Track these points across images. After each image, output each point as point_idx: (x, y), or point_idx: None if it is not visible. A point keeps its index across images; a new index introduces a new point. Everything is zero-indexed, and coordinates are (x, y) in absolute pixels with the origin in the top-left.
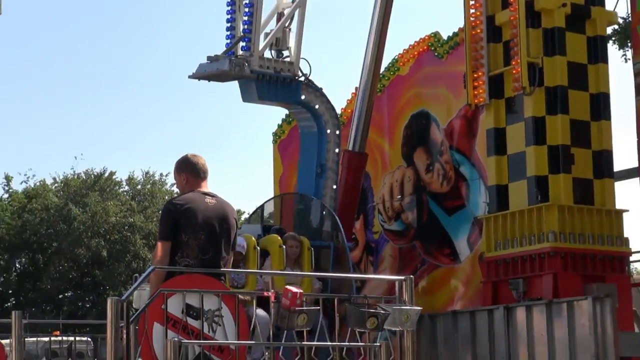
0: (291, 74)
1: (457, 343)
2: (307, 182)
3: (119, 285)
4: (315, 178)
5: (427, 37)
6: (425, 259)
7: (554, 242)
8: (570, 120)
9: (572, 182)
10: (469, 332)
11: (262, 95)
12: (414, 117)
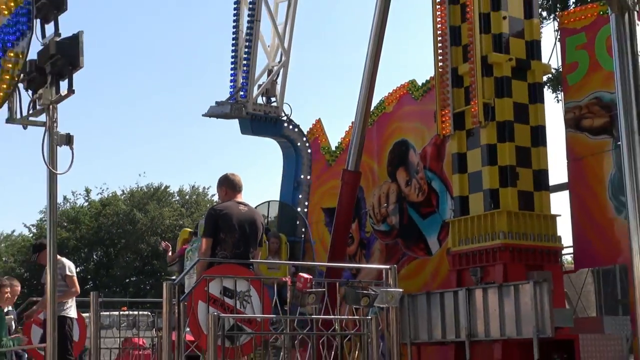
0: (276, 115)
1: (430, 317)
2: (287, 193)
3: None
4: (293, 191)
5: (406, 84)
6: (405, 253)
7: (504, 239)
8: (516, 147)
9: (517, 193)
10: (439, 308)
11: (255, 131)
12: (396, 144)
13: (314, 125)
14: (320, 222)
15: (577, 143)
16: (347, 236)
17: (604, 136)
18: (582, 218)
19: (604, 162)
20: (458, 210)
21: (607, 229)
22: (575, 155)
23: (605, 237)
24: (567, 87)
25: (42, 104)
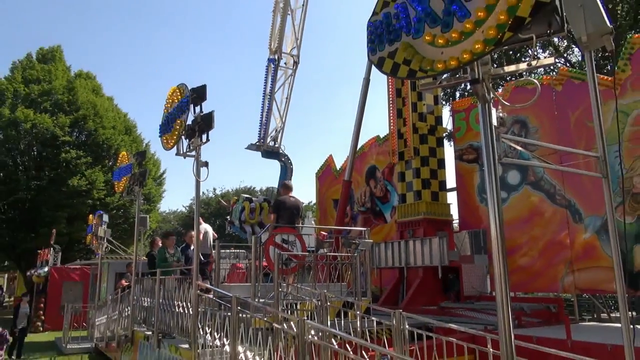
0: (277, 150)
1: (386, 254)
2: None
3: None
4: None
5: (374, 137)
6: (374, 222)
7: (424, 216)
8: (430, 169)
9: (430, 193)
10: (390, 250)
11: (267, 157)
12: (370, 167)
13: (328, 157)
14: (330, 206)
15: (461, 167)
16: (344, 213)
17: (474, 164)
18: (463, 205)
19: (474, 177)
20: (401, 200)
21: (475, 211)
22: (459, 173)
23: (475, 215)
24: (456, 139)
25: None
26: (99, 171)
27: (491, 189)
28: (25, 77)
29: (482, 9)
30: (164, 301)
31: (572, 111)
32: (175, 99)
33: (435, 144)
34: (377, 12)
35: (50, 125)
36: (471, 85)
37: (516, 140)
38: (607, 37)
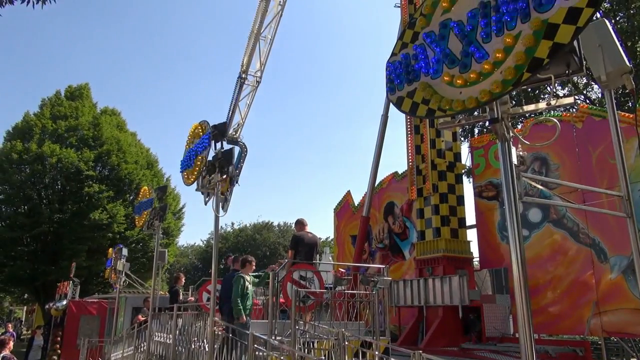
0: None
1: (405, 292)
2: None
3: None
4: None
5: (393, 173)
6: (392, 259)
7: (443, 253)
8: (449, 206)
9: (449, 230)
10: (409, 288)
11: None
12: (388, 203)
13: (346, 193)
14: (348, 242)
15: (480, 204)
16: (362, 249)
17: (494, 201)
18: (483, 243)
19: (494, 214)
20: (420, 237)
21: (496, 248)
22: (479, 210)
23: (496, 253)
24: (475, 175)
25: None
26: (120, 205)
27: (512, 228)
28: (54, 114)
29: (500, 51)
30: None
31: (594, 148)
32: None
33: (454, 181)
34: (396, 53)
35: (75, 160)
36: (490, 125)
37: (537, 179)
38: (626, 76)
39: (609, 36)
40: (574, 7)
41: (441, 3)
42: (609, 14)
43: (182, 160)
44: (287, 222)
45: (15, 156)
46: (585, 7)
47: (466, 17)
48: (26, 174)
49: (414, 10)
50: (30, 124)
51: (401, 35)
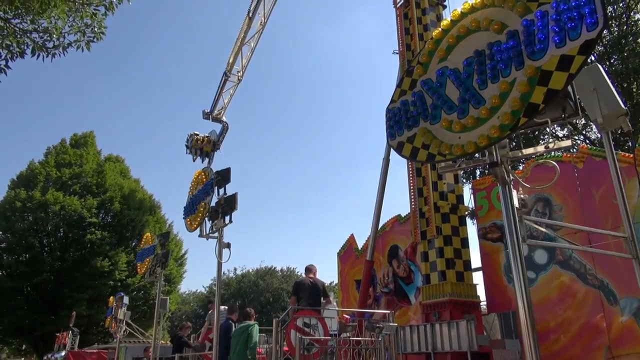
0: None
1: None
2: None
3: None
4: None
5: (396, 216)
6: (398, 303)
7: (449, 297)
8: (453, 248)
9: (455, 273)
10: (416, 334)
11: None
12: (392, 247)
13: (350, 237)
14: (352, 287)
15: (485, 246)
16: (367, 294)
17: (499, 243)
18: (490, 286)
19: (499, 256)
20: (425, 281)
21: (503, 291)
22: (484, 252)
23: (503, 296)
24: (478, 217)
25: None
26: (122, 252)
27: (517, 272)
28: (58, 162)
29: (496, 97)
30: None
31: (596, 189)
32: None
33: (457, 223)
34: (395, 99)
35: (78, 207)
36: (490, 169)
37: (539, 222)
38: (623, 119)
39: (602, 80)
40: (566, 54)
41: (437, 52)
42: (603, 57)
43: (185, 206)
44: (291, 267)
45: (18, 204)
46: (577, 54)
47: (462, 65)
48: (29, 221)
49: (412, 57)
50: (35, 172)
51: (400, 83)
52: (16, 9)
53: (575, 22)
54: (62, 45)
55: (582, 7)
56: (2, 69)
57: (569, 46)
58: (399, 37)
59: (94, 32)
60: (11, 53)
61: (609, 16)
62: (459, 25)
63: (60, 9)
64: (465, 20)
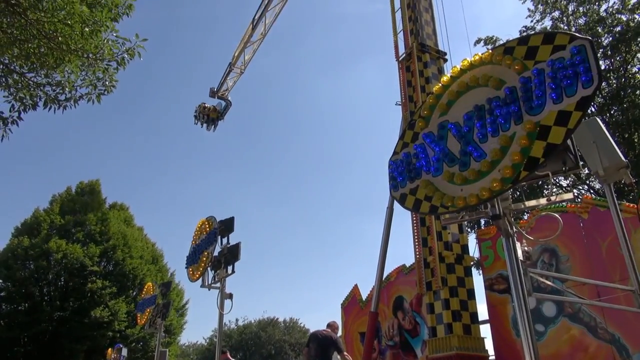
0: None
1: None
2: None
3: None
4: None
5: (400, 266)
6: (404, 357)
7: (457, 351)
8: (459, 300)
9: (462, 325)
10: None
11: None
12: (397, 297)
13: (354, 287)
14: (357, 340)
15: (492, 298)
16: (372, 347)
17: (506, 294)
18: (498, 339)
19: (506, 308)
20: (431, 334)
21: (511, 345)
22: (491, 304)
23: (512, 350)
24: (484, 268)
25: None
26: (123, 301)
27: (524, 327)
28: (63, 209)
29: (496, 150)
30: None
31: (602, 239)
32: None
33: (463, 274)
34: (398, 151)
35: (81, 255)
36: (493, 221)
37: (544, 275)
38: (624, 171)
39: (602, 133)
40: (563, 110)
41: (438, 106)
42: (603, 108)
43: (188, 255)
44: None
45: (21, 252)
46: (574, 110)
47: (463, 119)
48: (30, 270)
49: (415, 108)
50: (39, 219)
51: (402, 135)
52: (32, 63)
53: (571, 80)
54: (73, 98)
55: (577, 65)
56: (15, 121)
57: (566, 102)
58: (401, 89)
59: (105, 85)
60: (24, 105)
61: (607, 69)
62: (458, 81)
63: (74, 64)
64: (464, 77)
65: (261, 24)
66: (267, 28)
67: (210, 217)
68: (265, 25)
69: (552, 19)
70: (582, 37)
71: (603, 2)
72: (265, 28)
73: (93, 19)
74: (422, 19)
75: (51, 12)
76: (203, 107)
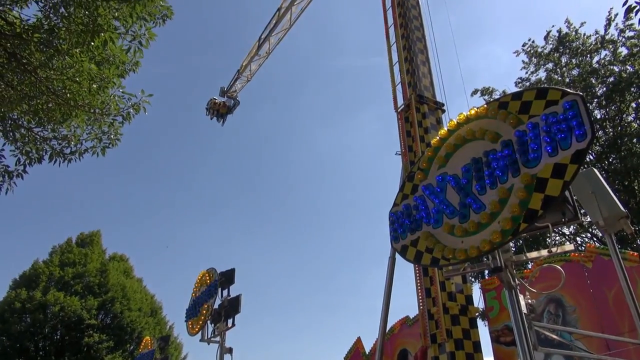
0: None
1: None
2: None
3: None
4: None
5: (404, 317)
6: None
7: None
8: (465, 353)
9: None
10: None
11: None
12: (401, 350)
13: (356, 340)
14: None
15: (498, 350)
16: None
17: (513, 347)
18: None
19: None
20: None
21: None
22: (498, 357)
23: None
24: (489, 319)
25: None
26: (120, 356)
27: None
28: (62, 261)
29: (495, 202)
30: None
31: (608, 289)
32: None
33: (468, 325)
34: (398, 203)
35: (78, 308)
36: (494, 274)
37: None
38: (624, 221)
39: (600, 184)
40: (559, 163)
41: (437, 159)
42: (601, 156)
43: (188, 308)
44: None
45: (18, 305)
46: (570, 163)
47: (461, 172)
48: (26, 323)
49: (414, 157)
50: (38, 271)
51: (402, 187)
52: (39, 118)
53: (565, 134)
54: (78, 151)
55: (570, 120)
56: (20, 174)
57: (561, 155)
58: (400, 139)
59: (110, 139)
60: (30, 159)
61: (603, 118)
62: (455, 134)
63: (81, 119)
64: (461, 130)
65: (266, 44)
66: (271, 48)
67: (211, 269)
68: (270, 45)
69: (547, 70)
70: (573, 92)
71: (595, 54)
72: (269, 47)
73: (101, 76)
74: (420, 71)
75: (61, 70)
76: (214, 102)
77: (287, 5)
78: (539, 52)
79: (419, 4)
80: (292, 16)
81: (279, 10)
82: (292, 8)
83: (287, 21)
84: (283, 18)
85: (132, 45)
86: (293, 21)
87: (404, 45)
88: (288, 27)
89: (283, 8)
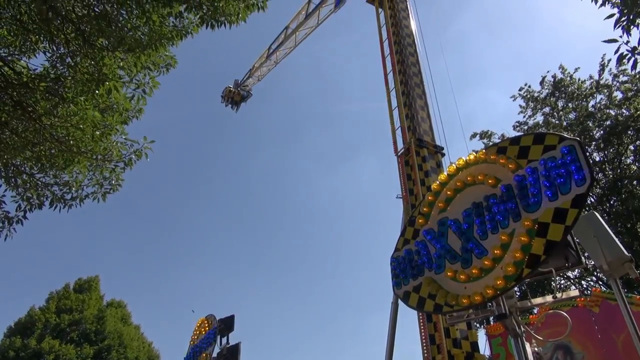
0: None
1: None
2: None
3: None
4: None
5: None
6: None
7: None
8: None
9: None
10: None
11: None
12: None
13: None
14: None
15: None
16: None
17: None
18: None
19: None
20: None
21: None
22: None
23: None
24: None
25: None
26: None
27: None
28: (59, 307)
29: (497, 247)
30: None
31: (617, 334)
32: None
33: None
34: (399, 248)
35: (74, 357)
36: (499, 321)
37: None
38: (628, 265)
39: (602, 228)
40: (559, 207)
41: (437, 203)
42: (602, 199)
43: (186, 357)
44: None
45: (11, 353)
46: (570, 208)
47: (462, 216)
48: None
49: (415, 200)
50: (34, 318)
51: (403, 232)
52: (42, 165)
53: (564, 178)
54: (79, 197)
55: (569, 164)
56: (20, 220)
57: (562, 200)
58: (401, 182)
59: (111, 185)
60: (30, 205)
61: (602, 161)
62: (455, 179)
63: (83, 165)
64: (461, 175)
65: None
66: (279, 59)
67: (210, 316)
68: (277, 57)
69: (544, 114)
70: (570, 137)
71: (591, 98)
72: (277, 58)
73: (104, 123)
74: (419, 116)
75: (65, 117)
76: (229, 90)
77: (294, 27)
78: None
79: (416, 52)
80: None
81: (286, 29)
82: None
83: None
84: (289, 38)
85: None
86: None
87: (403, 91)
88: (293, 46)
89: (290, 28)
